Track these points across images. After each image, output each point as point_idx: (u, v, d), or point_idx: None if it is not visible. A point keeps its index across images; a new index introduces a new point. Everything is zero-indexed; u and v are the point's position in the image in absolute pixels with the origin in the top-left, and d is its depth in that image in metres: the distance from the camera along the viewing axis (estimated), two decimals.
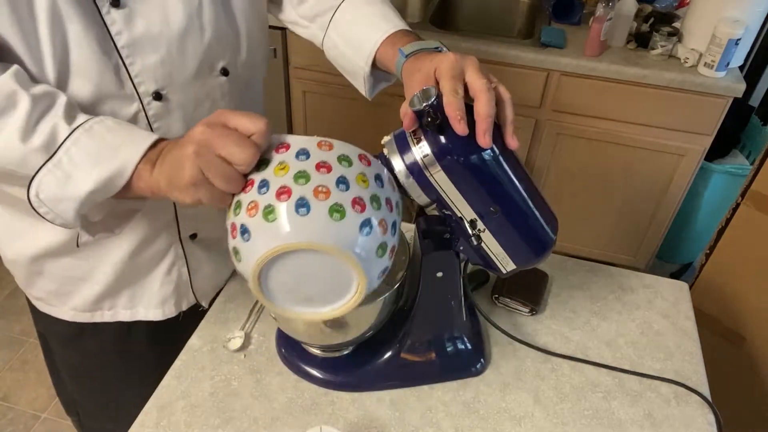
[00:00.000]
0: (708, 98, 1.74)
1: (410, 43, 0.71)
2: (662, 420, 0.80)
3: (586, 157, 1.97)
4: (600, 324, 0.93)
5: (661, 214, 2.04)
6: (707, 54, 1.69)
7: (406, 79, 0.68)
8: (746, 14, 1.65)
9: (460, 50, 1.87)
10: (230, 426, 0.76)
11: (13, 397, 1.79)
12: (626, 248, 2.18)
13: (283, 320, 0.76)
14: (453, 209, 0.65)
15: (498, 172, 0.63)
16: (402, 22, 0.79)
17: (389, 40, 0.75)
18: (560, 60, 1.76)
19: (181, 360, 0.84)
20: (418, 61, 0.67)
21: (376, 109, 1.93)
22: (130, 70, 0.67)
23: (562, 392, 0.83)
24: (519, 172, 0.65)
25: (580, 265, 1.03)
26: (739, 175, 2.02)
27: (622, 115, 1.85)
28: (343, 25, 0.82)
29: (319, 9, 0.84)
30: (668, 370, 0.86)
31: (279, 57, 1.96)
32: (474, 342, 0.85)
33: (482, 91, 0.58)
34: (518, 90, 1.87)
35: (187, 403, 0.79)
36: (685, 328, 0.93)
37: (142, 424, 0.76)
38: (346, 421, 0.78)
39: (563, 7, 1.91)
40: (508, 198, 0.65)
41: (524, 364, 0.86)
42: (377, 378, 0.82)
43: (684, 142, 1.85)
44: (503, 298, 0.93)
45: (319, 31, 0.85)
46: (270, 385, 0.81)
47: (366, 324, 0.74)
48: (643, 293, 0.99)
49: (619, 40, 1.82)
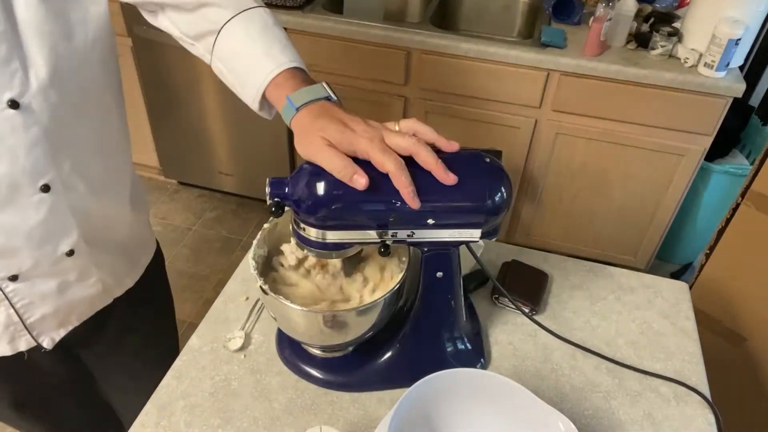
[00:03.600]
0: (708, 98, 1.74)
1: (298, 91, 0.67)
2: (662, 420, 0.80)
3: (585, 157, 1.97)
4: (600, 324, 0.93)
5: (661, 214, 2.04)
6: (707, 54, 1.69)
7: (300, 137, 0.65)
8: (746, 14, 1.65)
9: (460, 50, 1.87)
10: (230, 426, 0.76)
11: None
12: (626, 248, 2.18)
13: (283, 320, 0.76)
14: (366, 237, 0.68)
15: (362, 198, 0.63)
16: (286, 53, 0.72)
17: (275, 82, 0.70)
18: (560, 60, 1.76)
19: (181, 360, 0.84)
20: (308, 125, 0.65)
21: (374, 110, 1.93)
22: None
23: (562, 392, 0.83)
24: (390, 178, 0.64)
25: (580, 265, 1.03)
26: (739, 175, 2.02)
27: (622, 115, 1.85)
28: (227, 56, 0.75)
29: (200, 30, 0.76)
30: (668, 370, 0.86)
31: None
32: (474, 342, 0.85)
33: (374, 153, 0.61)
34: (518, 90, 1.87)
35: (187, 403, 0.79)
36: (685, 328, 0.93)
37: (142, 424, 0.76)
38: (346, 421, 0.78)
39: (563, 7, 1.91)
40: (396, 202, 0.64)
41: (524, 364, 0.86)
42: (377, 378, 0.82)
43: (684, 142, 1.85)
44: (503, 298, 0.93)
45: (206, 53, 0.77)
46: (270, 385, 0.81)
47: (366, 324, 0.74)
48: (643, 293, 0.99)
49: (619, 40, 1.82)
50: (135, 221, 0.92)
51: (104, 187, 0.81)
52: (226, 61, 0.74)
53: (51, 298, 0.81)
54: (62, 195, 0.73)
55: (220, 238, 2.40)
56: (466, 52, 1.81)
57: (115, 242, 0.88)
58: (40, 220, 0.72)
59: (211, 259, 2.32)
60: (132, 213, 0.90)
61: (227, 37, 0.73)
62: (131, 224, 0.92)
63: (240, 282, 0.97)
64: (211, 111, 2.20)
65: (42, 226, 0.73)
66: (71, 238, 0.77)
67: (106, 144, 0.80)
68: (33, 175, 0.69)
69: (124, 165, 0.87)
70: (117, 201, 0.86)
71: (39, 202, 0.71)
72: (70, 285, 0.82)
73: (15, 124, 0.65)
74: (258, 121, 2.18)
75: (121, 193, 0.87)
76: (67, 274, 0.81)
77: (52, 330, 0.86)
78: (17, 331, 0.82)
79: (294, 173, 0.66)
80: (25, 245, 0.73)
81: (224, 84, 0.77)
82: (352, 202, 0.64)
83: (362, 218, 0.66)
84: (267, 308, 0.86)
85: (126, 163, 0.88)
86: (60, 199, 0.73)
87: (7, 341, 0.83)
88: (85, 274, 0.83)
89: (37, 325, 0.83)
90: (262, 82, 0.70)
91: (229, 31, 0.73)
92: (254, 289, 0.95)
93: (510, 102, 1.90)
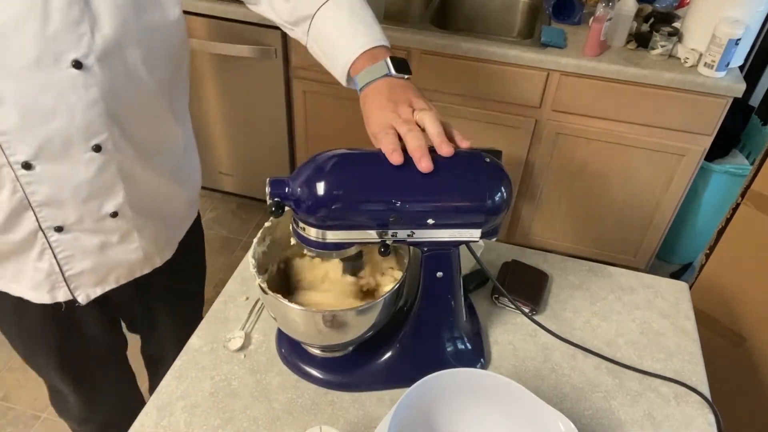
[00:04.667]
0: (708, 98, 1.74)
1: (360, 73, 0.77)
2: (662, 420, 0.80)
3: (586, 157, 1.97)
4: (600, 324, 0.93)
5: (661, 214, 2.04)
6: (707, 54, 1.69)
7: (364, 114, 0.74)
8: (746, 14, 1.65)
9: (460, 50, 1.87)
10: (230, 426, 0.76)
11: (13, 397, 1.79)
12: (626, 248, 2.18)
13: (282, 320, 0.76)
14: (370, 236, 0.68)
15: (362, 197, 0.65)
16: (369, 34, 0.79)
17: (354, 66, 0.78)
18: (560, 60, 1.76)
19: (181, 360, 0.84)
20: (365, 105, 0.75)
21: None
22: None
23: (562, 392, 0.83)
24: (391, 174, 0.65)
25: (580, 265, 1.03)
26: (739, 175, 2.02)
27: (622, 115, 1.85)
28: (319, 40, 0.83)
29: (298, 16, 0.84)
30: (668, 370, 0.86)
31: (279, 57, 1.96)
32: (474, 342, 0.85)
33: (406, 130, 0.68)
34: (518, 90, 1.87)
35: (187, 403, 0.79)
36: (685, 328, 0.93)
37: (142, 424, 0.76)
38: (346, 421, 0.78)
39: (563, 7, 1.91)
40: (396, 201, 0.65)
41: (524, 364, 0.86)
42: (377, 378, 0.82)
43: (684, 142, 1.85)
44: (503, 298, 0.93)
45: (303, 36, 0.86)
46: (270, 385, 0.81)
47: (366, 324, 0.74)
48: (643, 293, 0.99)
49: (619, 40, 1.82)
50: (179, 194, 0.97)
51: (153, 156, 0.86)
52: (319, 44, 0.83)
53: (92, 254, 0.87)
54: (113, 157, 0.78)
55: (220, 238, 2.40)
56: (466, 52, 1.81)
57: (159, 212, 0.93)
58: (88, 177, 0.77)
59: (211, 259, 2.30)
60: (178, 186, 0.95)
61: (319, 22, 0.82)
62: (176, 197, 0.96)
63: (240, 282, 0.97)
64: (211, 111, 2.20)
65: (90, 184, 0.78)
66: (116, 200, 0.82)
67: (160, 116, 0.85)
68: (87, 134, 0.74)
69: (175, 139, 0.92)
70: (164, 171, 0.90)
71: (89, 161, 0.76)
72: (111, 246, 0.87)
73: (76, 83, 0.70)
74: (258, 121, 2.19)
75: (170, 165, 0.91)
76: (109, 234, 0.86)
77: (89, 286, 0.91)
78: (57, 282, 0.88)
79: (294, 173, 0.66)
80: (72, 199, 0.78)
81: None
82: (352, 202, 0.64)
83: (362, 218, 0.66)
84: (267, 308, 0.86)
85: (177, 138, 0.92)
86: (110, 160, 0.78)
87: (47, 290, 0.88)
88: (128, 237, 0.88)
89: (75, 279, 0.88)
90: (345, 64, 0.78)
91: (321, 17, 0.82)
92: (254, 289, 0.95)
93: (510, 102, 1.90)
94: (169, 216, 0.97)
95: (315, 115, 2.11)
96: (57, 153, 0.73)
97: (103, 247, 0.87)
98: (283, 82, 2.03)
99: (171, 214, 0.98)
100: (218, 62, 2.03)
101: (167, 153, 0.90)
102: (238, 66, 2.02)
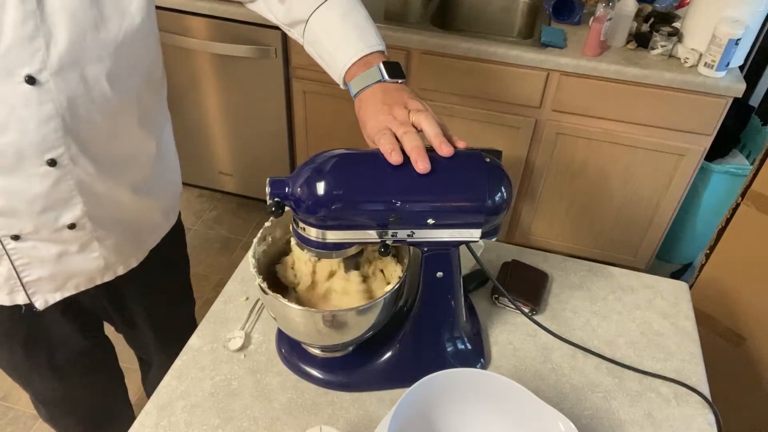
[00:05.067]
0: (708, 98, 1.74)
1: (354, 80, 0.77)
2: (662, 420, 0.80)
3: (586, 157, 1.97)
4: (600, 324, 0.93)
5: (661, 214, 2.04)
6: (707, 54, 1.69)
7: (360, 120, 0.75)
8: (746, 14, 1.65)
9: (460, 50, 1.87)
10: (230, 426, 0.76)
11: (13, 397, 1.79)
12: (626, 248, 2.17)
13: (282, 320, 0.76)
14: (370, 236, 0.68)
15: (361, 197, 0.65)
16: (363, 39, 0.78)
17: (349, 72, 0.78)
18: (560, 60, 1.76)
19: (181, 360, 0.84)
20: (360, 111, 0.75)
21: None
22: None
23: (562, 392, 0.82)
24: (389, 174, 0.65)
25: (580, 265, 1.03)
26: (739, 175, 2.02)
27: (622, 115, 1.85)
28: (314, 44, 0.83)
29: (293, 18, 0.84)
30: (668, 370, 0.86)
31: (279, 57, 1.96)
32: (474, 342, 0.85)
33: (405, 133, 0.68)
34: (518, 90, 1.87)
35: (187, 403, 0.79)
36: (685, 328, 0.93)
37: (142, 424, 0.76)
38: (346, 421, 0.78)
39: (563, 7, 1.91)
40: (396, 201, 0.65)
41: (524, 364, 0.86)
42: (377, 378, 0.82)
43: (684, 142, 1.85)
44: (503, 298, 0.93)
45: (299, 38, 0.86)
46: (270, 385, 0.81)
47: (366, 324, 0.74)
48: (643, 293, 0.99)
49: (619, 40, 1.82)
50: (152, 205, 0.96)
51: (117, 170, 0.84)
52: (314, 48, 0.83)
53: (49, 263, 0.86)
54: (69, 172, 0.77)
55: (220, 238, 2.40)
56: (466, 52, 1.81)
57: (125, 223, 0.92)
58: (43, 190, 0.76)
59: (211, 259, 2.32)
60: (148, 198, 0.94)
61: (313, 26, 0.82)
62: (146, 208, 0.95)
63: (240, 282, 0.97)
64: (211, 111, 2.20)
65: (45, 197, 0.77)
66: (74, 212, 0.81)
67: (126, 131, 0.83)
68: (40, 149, 0.73)
69: (144, 151, 0.90)
70: (129, 185, 0.88)
71: (44, 174, 0.75)
72: (70, 254, 0.86)
73: (29, 98, 0.69)
74: (258, 121, 2.19)
75: (137, 178, 0.90)
76: (68, 244, 0.85)
77: (47, 292, 0.90)
78: (15, 286, 0.87)
79: (294, 173, 0.66)
80: (27, 211, 0.77)
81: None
82: (352, 202, 0.64)
83: (362, 218, 0.66)
84: (267, 308, 0.86)
85: (148, 150, 0.90)
86: (66, 174, 0.77)
87: (6, 293, 0.88)
88: (87, 247, 0.87)
89: (32, 285, 0.88)
90: (340, 72, 0.79)
91: (315, 21, 0.82)
92: (254, 289, 0.95)
93: (510, 102, 1.90)
94: (138, 226, 0.95)
95: (315, 115, 2.10)
96: (9, 166, 0.73)
97: (61, 256, 0.86)
98: (283, 82, 2.03)
99: (141, 224, 0.96)
100: (218, 62, 2.03)
101: (134, 166, 0.88)
102: (238, 66, 2.02)
